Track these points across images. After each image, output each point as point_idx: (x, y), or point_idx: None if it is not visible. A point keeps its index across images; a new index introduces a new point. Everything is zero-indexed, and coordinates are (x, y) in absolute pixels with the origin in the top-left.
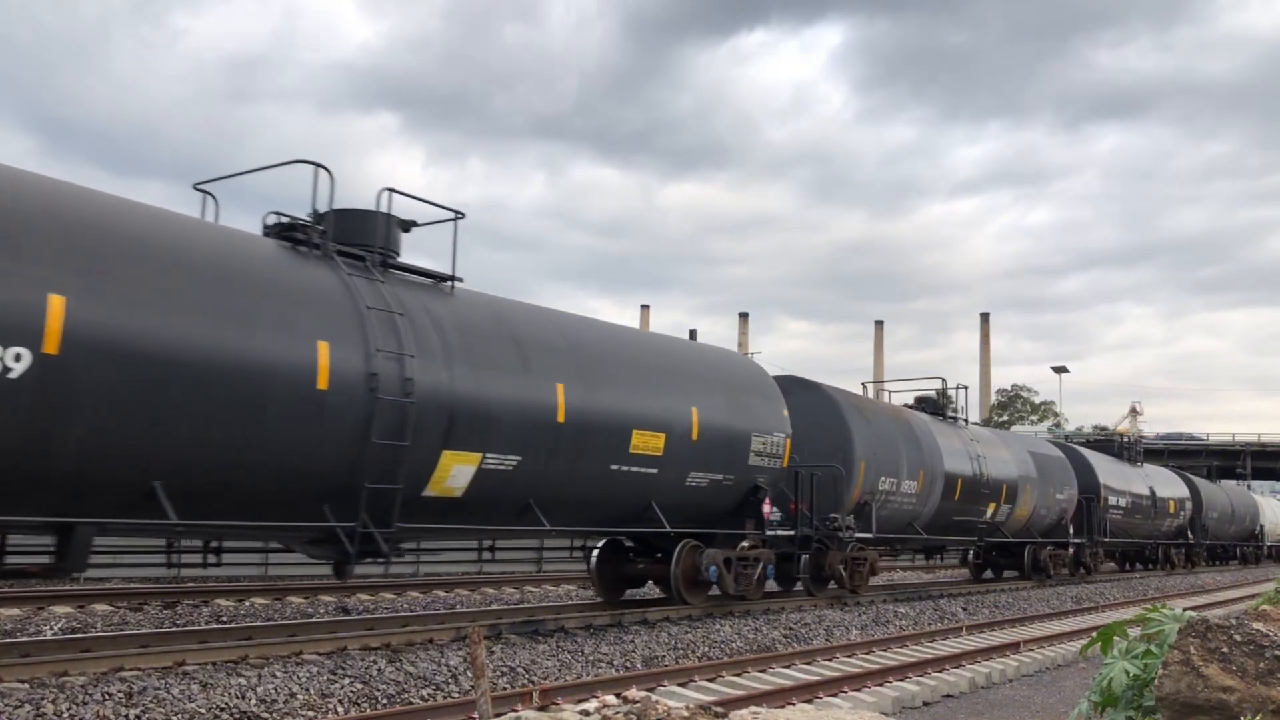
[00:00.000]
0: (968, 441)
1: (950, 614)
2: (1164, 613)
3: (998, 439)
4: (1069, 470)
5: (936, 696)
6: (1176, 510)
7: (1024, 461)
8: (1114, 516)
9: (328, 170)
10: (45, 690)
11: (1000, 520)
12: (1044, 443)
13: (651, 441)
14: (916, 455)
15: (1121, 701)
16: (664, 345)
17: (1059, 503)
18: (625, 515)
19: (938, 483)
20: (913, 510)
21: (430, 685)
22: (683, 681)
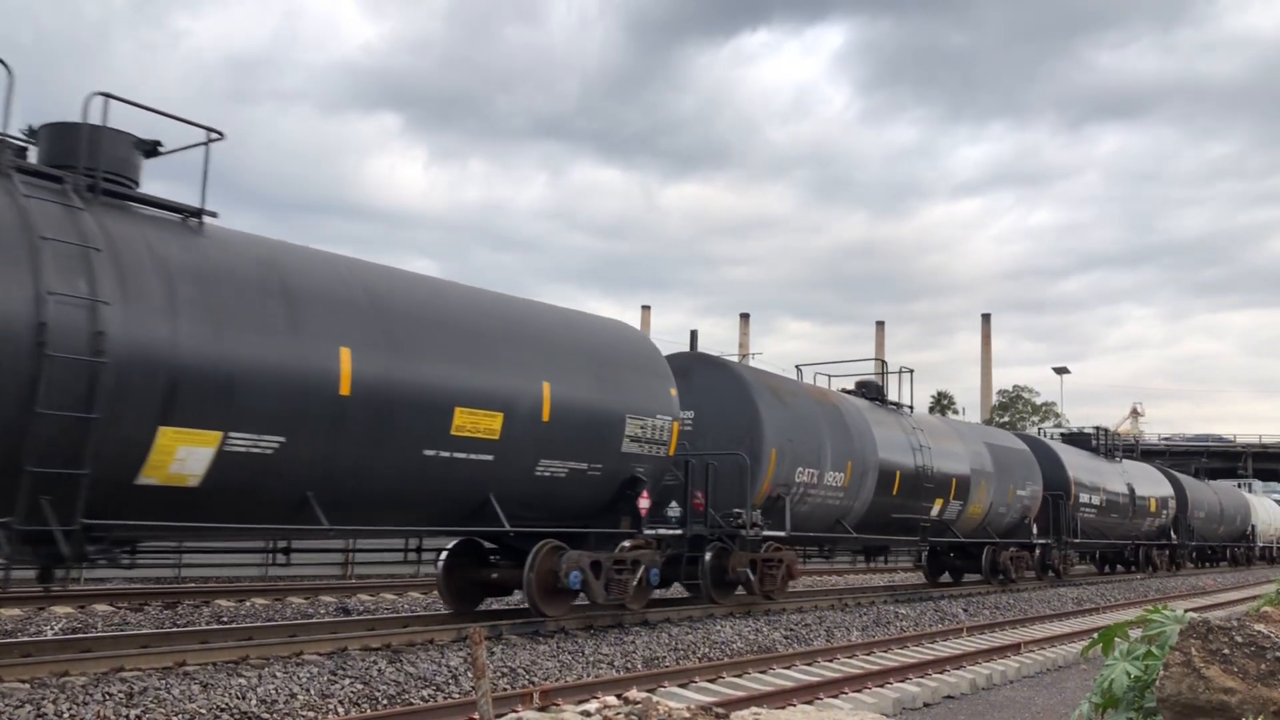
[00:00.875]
0: (910, 430)
1: (951, 615)
2: (1165, 614)
3: (948, 429)
4: (1033, 465)
5: (937, 698)
6: (1158, 509)
7: (978, 454)
8: (1086, 515)
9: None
10: (46, 690)
11: (949, 518)
12: (1006, 434)
13: (484, 422)
14: (844, 444)
15: (1123, 703)
16: (508, 307)
17: (1021, 500)
18: (454, 512)
19: (870, 475)
20: (840, 506)
21: (431, 686)
22: (683, 682)
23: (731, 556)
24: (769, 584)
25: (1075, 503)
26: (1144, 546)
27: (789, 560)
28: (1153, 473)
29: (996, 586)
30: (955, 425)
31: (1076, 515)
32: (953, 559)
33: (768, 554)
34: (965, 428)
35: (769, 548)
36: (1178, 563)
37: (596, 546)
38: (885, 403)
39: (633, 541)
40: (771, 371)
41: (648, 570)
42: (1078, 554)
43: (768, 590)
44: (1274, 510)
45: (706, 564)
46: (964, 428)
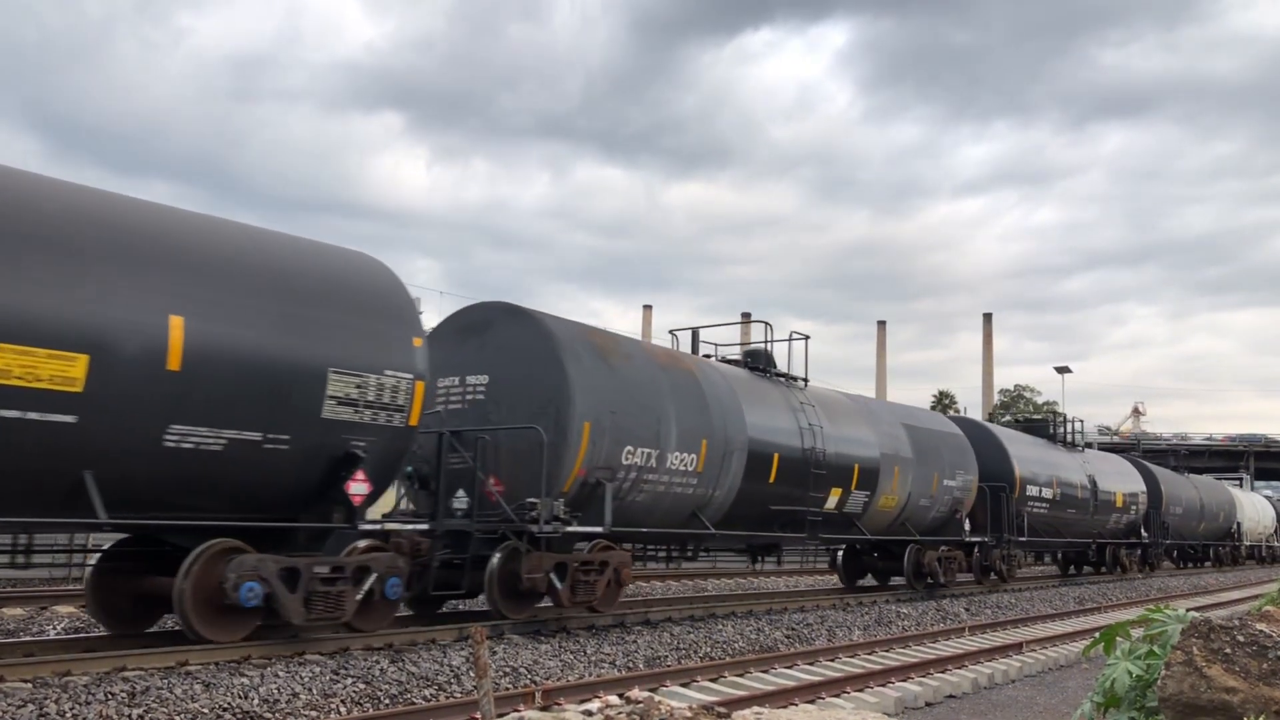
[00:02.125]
0: (797, 407)
1: (953, 614)
2: (1167, 613)
3: (852, 407)
4: (966, 452)
5: (939, 697)
6: (1126, 504)
7: (892, 437)
8: (1036, 510)
9: None
10: (48, 690)
11: (852, 511)
12: (933, 415)
13: (48, 367)
14: (698, 419)
15: (1124, 702)
16: (124, 211)
17: (950, 491)
18: (18, 495)
19: (735, 458)
20: (693, 495)
21: (433, 685)
22: (685, 682)
23: (526, 559)
24: (585, 594)
25: (1021, 496)
26: (1111, 546)
27: (618, 564)
28: (1121, 465)
29: (923, 591)
30: (864, 403)
31: (1023, 510)
32: (876, 559)
33: (589, 556)
34: (878, 406)
35: (595, 546)
36: (1151, 563)
37: (308, 548)
38: (772, 374)
39: (369, 542)
40: (608, 330)
41: (382, 580)
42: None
43: (584, 601)
44: (1263, 507)
45: (494, 569)
46: (876, 406)
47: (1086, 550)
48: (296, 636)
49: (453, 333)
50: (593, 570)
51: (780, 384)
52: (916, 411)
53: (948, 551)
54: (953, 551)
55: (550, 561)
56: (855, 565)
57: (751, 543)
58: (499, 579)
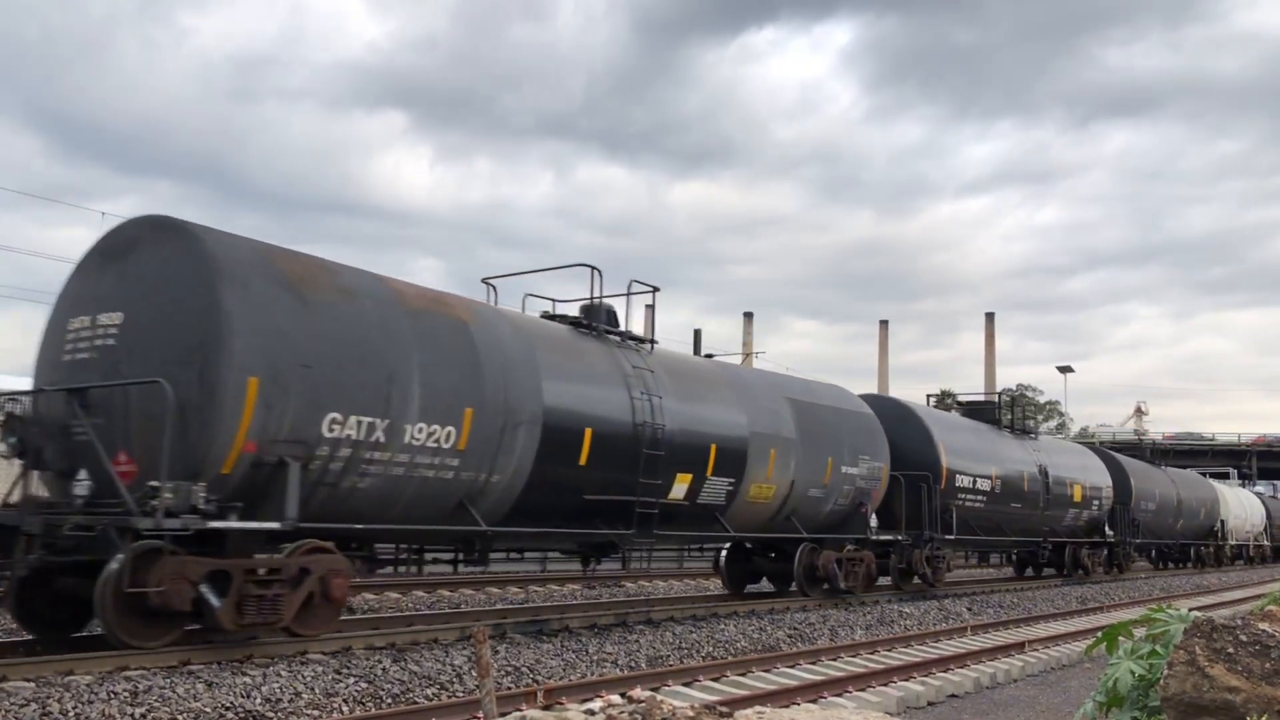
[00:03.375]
0: (629, 373)
1: (955, 614)
2: (1169, 613)
3: (713, 376)
4: (875, 434)
5: (941, 696)
6: (1086, 499)
7: (770, 413)
8: (969, 504)
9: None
10: (51, 689)
11: (710, 503)
12: (833, 389)
13: None
14: (461, 381)
15: (1127, 702)
16: None
17: (849, 480)
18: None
19: (522, 434)
20: (456, 481)
21: (435, 685)
22: (687, 681)
23: (157, 567)
24: (265, 613)
25: (949, 487)
26: (1071, 546)
27: (326, 572)
28: (1083, 456)
29: (819, 599)
30: (733, 372)
31: (951, 504)
32: (773, 560)
33: (280, 561)
34: (753, 376)
35: (300, 549)
36: (1119, 565)
37: None
38: (600, 331)
39: None
40: (323, 259)
41: None
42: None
43: (264, 623)
44: (1250, 504)
45: (109, 577)
46: (750, 376)
47: (1038, 550)
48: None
49: (93, 260)
50: (279, 582)
51: (611, 345)
52: (811, 385)
53: (854, 552)
54: (859, 552)
55: (199, 569)
56: (742, 568)
57: (556, 544)
58: (113, 595)
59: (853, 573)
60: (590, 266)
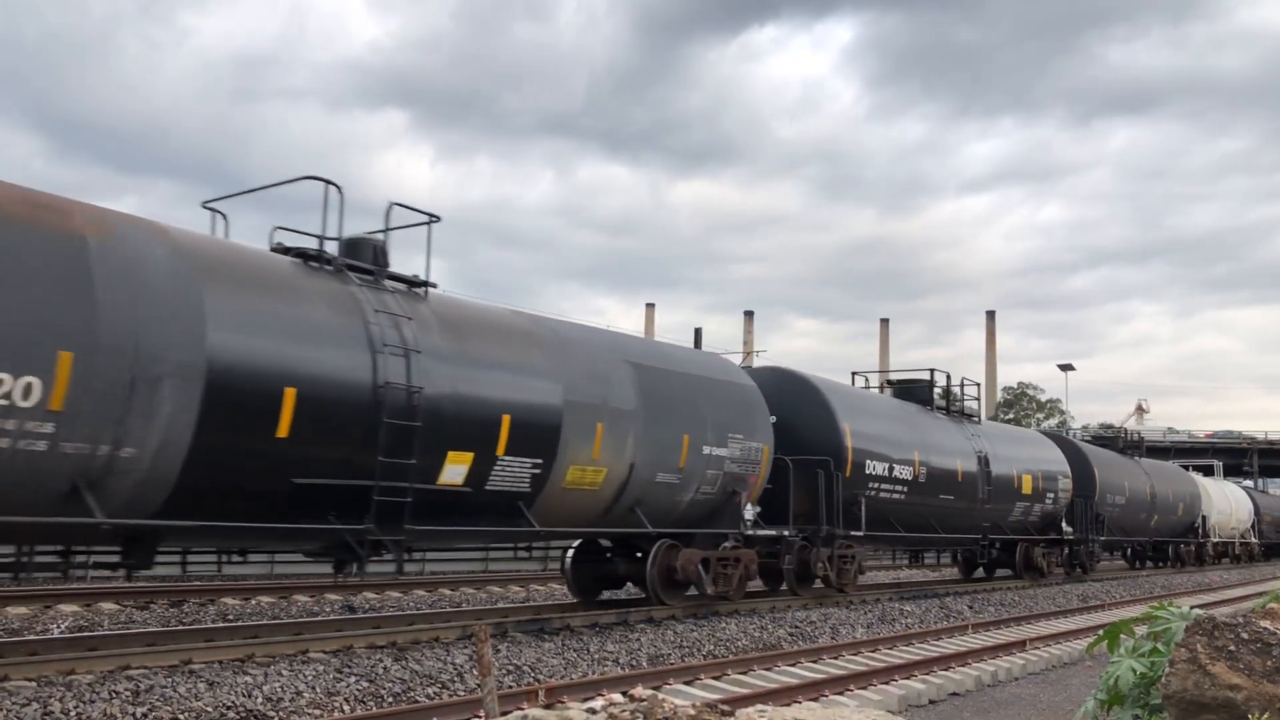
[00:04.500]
0: (370, 319)
1: (956, 612)
2: (1171, 611)
3: (523, 329)
4: (754, 410)
5: (943, 695)
6: (1039, 491)
7: (596, 378)
8: (883, 496)
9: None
10: (53, 689)
11: (510, 489)
12: (699, 354)
13: None
14: (43, 309)
15: (1128, 700)
16: None
17: (716, 464)
18: None
19: (168, 392)
20: (50, 456)
21: (436, 684)
22: (688, 680)
23: None
24: None
25: (857, 476)
26: (1024, 544)
27: None
28: (1037, 443)
29: (679, 606)
30: (546, 326)
31: (860, 495)
32: (634, 560)
33: None
34: (577, 333)
35: None
36: (1082, 565)
37: None
38: (351, 269)
39: None
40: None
41: None
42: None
43: None
44: (1237, 499)
45: None
46: (571, 332)
47: (978, 549)
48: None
49: None
50: None
51: (353, 285)
52: (666, 347)
53: (732, 550)
54: (738, 551)
55: None
56: (595, 571)
57: (255, 542)
58: None
59: (724, 575)
60: (326, 181)
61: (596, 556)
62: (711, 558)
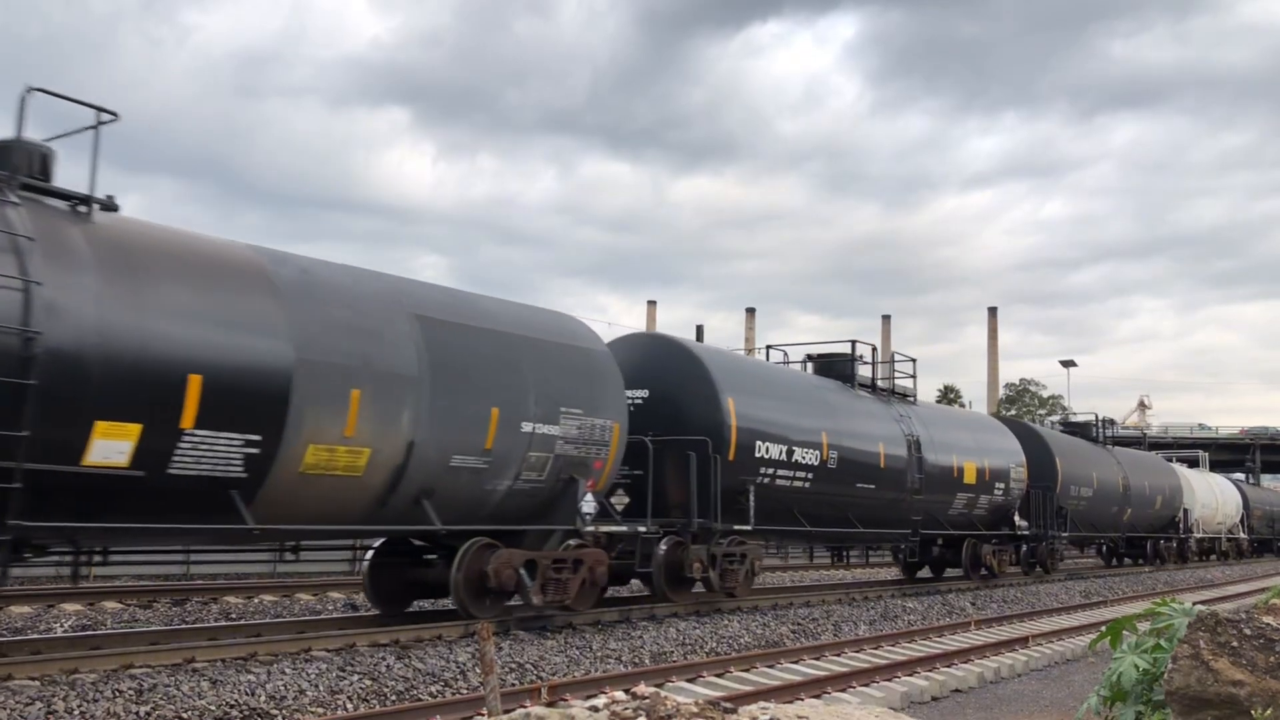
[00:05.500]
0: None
1: (959, 609)
2: (1173, 607)
3: (243, 265)
4: (600, 380)
5: (945, 691)
6: (985, 481)
7: (362, 332)
8: (782, 483)
9: None
10: (56, 687)
11: (213, 474)
12: (530, 314)
13: None
14: None
15: (1131, 696)
16: None
17: (547, 445)
18: None
19: None
20: None
21: (439, 682)
22: (691, 677)
23: None
24: None
25: (743, 460)
26: (971, 539)
27: None
28: (985, 427)
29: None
30: (292, 267)
31: (750, 483)
32: (431, 567)
33: None
34: (339, 275)
35: None
36: (1042, 563)
37: None
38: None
39: None
40: None
41: None
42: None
43: None
44: (1224, 493)
45: None
46: (328, 274)
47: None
48: None
49: None
50: None
51: None
52: (473, 300)
53: (576, 550)
54: (583, 550)
55: None
56: (402, 577)
57: None
58: None
59: (556, 582)
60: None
61: (407, 558)
62: (540, 560)
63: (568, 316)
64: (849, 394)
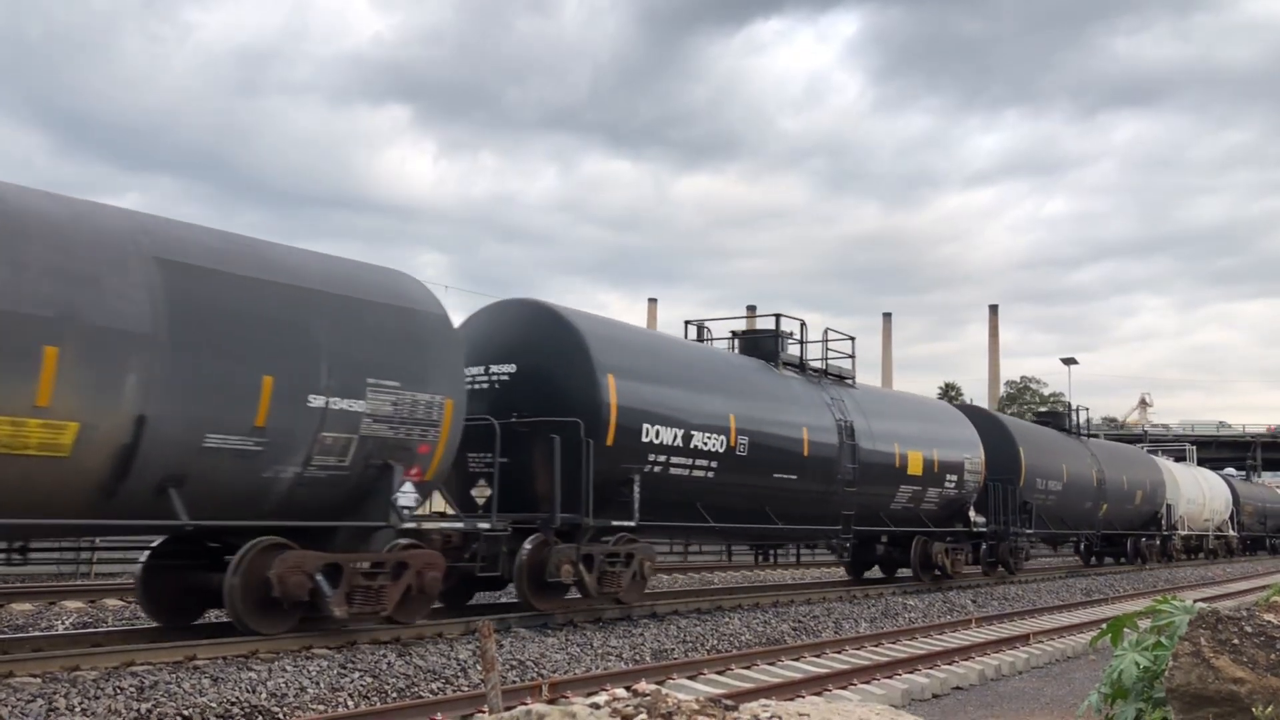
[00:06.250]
0: None
1: (959, 606)
2: (1174, 604)
3: None
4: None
5: (946, 689)
6: (934, 473)
7: (61, 277)
8: (678, 473)
9: None
10: (57, 685)
11: None
12: (329, 264)
13: None
14: None
15: (1132, 693)
16: None
17: (348, 423)
18: None
19: None
20: None
21: (440, 679)
22: (692, 674)
23: None
24: None
25: (627, 444)
26: (921, 537)
27: None
28: (934, 413)
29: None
30: None
31: (635, 472)
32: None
33: None
34: (43, 204)
35: None
36: (1004, 563)
37: None
38: None
39: None
40: None
41: None
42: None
43: None
44: (1212, 487)
45: None
46: (24, 201)
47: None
48: None
49: None
50: None
51: None
52: (243, 243)
53: (404, 552)
54: (410, 552)
55: None
56: (184, 582)
57: None
58: None
59: (367, 591)
60: None
61: (193, 560)
62: (346, 565)
63: (394, 272)
64: (771, 374)
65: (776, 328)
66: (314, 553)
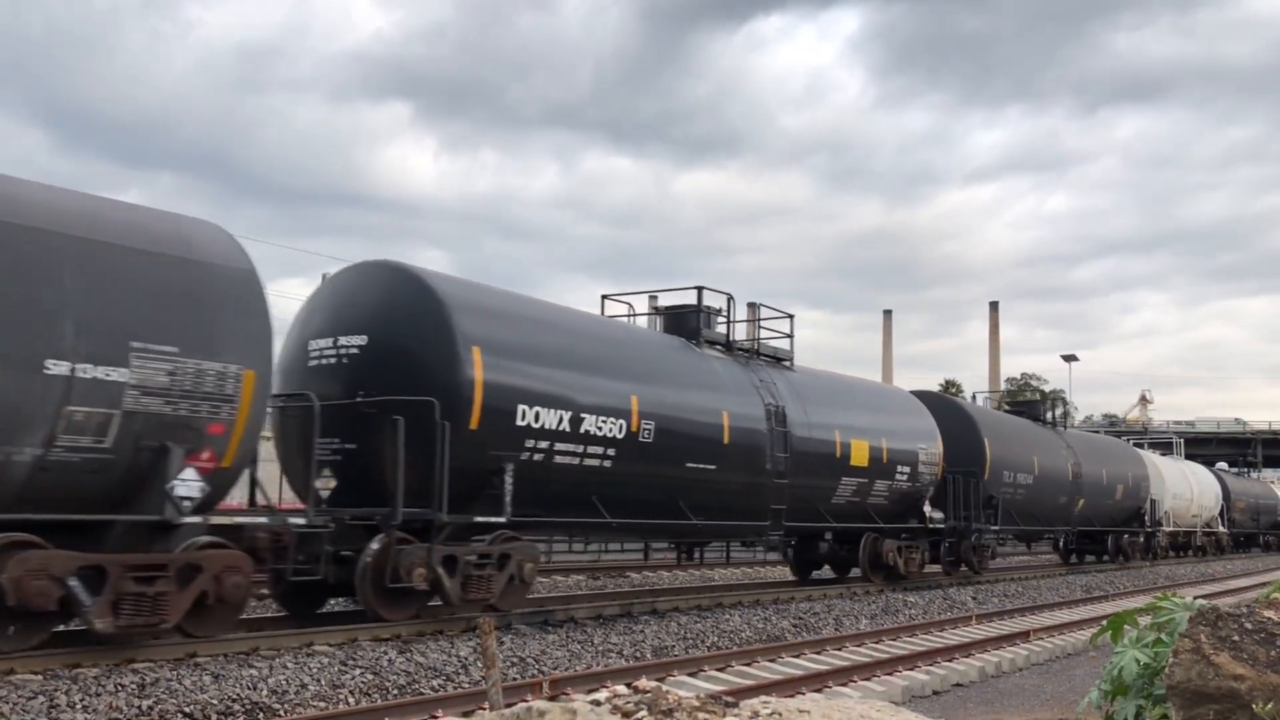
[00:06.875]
0: None
1: (960, 603)
2: (1174, 601)
3: None
4: (226, 307)
5: (946, 685)
6: (884, 465)
7: None
8: (566, 462)
9: None
10: (59, 681)
11: None
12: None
13: None
14: None
15: (1132, 690)
16: None
17: (98, 394)
18: None
19: None
20: None
21: (441, 676)
22: (693, 671)
23: None
24: None
25: (496, 428)
26: (871, 534)
27: None
28: (883, 398)
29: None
30: None
31: (508, 461)
32: None
33: None
34: None
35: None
36: (967, 562)
37: None
38: None
39: None
40: None
41: None
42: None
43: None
44: (1201, 482)
45: None
46: None
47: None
48: None
49: None
50: None
51: None
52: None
53: (200, 553)
54: (208, 553)
55: None
56: None
57: None
58: None
59: (138, 598)
60: None
61: None
62: (111, 568)
63: (187, 219)
64: (689, 353)
65: (699, 302)
66: (65, 553)
